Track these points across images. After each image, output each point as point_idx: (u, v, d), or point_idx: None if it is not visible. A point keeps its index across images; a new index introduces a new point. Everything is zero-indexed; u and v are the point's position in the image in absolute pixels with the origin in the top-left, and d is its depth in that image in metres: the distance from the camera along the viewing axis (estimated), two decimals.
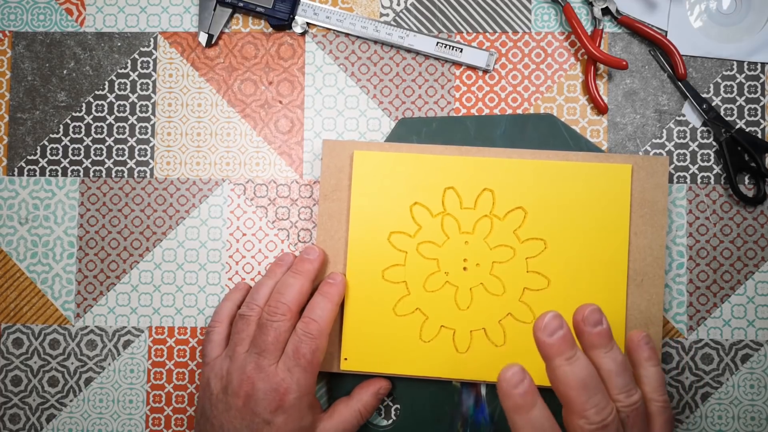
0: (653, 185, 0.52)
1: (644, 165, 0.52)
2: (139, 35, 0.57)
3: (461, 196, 0.53)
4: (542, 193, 0.52)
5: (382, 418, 0.55)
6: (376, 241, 0.53)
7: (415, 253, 0.53)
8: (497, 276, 0.52)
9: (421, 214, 0.53)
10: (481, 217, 0.52)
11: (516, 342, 0.52)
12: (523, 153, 0.53)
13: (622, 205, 0.52)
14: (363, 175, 0.53)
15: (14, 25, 0.58)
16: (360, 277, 0.52)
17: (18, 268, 0.57)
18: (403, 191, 0.53)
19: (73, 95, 0.57)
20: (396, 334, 0.52)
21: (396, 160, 0.53)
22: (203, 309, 0.56)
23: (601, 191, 0.52)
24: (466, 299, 0.52)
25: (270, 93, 0.57)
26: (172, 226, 0.56)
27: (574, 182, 0.52)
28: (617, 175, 0.52)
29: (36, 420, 0.56)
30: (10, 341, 0.56)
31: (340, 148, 0.53)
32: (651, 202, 0.52)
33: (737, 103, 0.55)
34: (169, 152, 0.57)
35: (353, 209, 0.53)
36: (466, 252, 0.52)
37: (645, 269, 0.52)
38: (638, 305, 0.52)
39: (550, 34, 0.56)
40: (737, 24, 0.56)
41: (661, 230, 0.52)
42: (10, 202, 0.57)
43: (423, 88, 0.56)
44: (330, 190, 0.53)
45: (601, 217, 0.52)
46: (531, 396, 0.40)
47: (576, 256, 0.52)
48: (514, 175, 0.52)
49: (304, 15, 0.56)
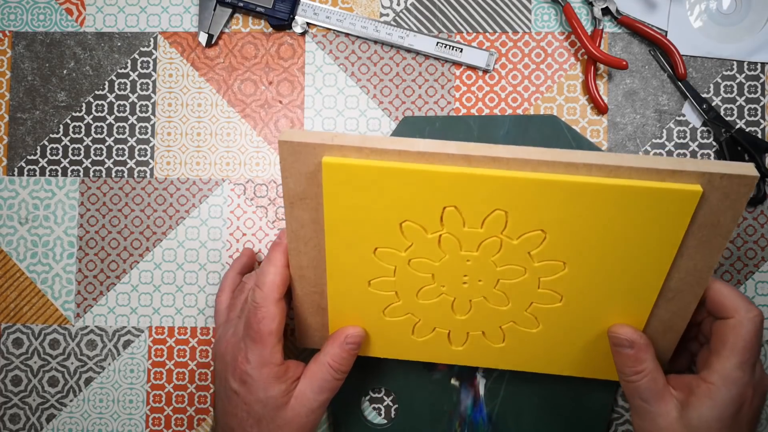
0: (726, 207, 0.39)
1: (722, 186, 0.38)
2: (139, 35, 0.57)
3: (465, 216, 0.41)
4: (571, 216, 0.40)
5: (381, 418, 0.55)
6: (358, 255, 0.44)
7: (405, 266, 0.44)
8: (502, 291, 0.44)
9: (412, 231, 0.42)
10: (489, 237, 0.42)
11: (516, 343, 0.48)
12: (554, 165, 0.38)
13: (675, 233, 0.40)
14: (336, 187, 0.41)
15: (14, 25, 0.58)
16: (343, 287, 0.46)
17: (18, 268, 0.57)
18: (389, 206, 0.41)
19: (73, 95, 0.57)
20: (386, 332, 0.48)
21: (377, 172, 0.40)
22: (203, 309, 0.56)
23: (652, 217, 0.39)
24: (464, 308, 0.46)
25: (270, 93, 0.57)
26: (172, 226, 0.56)
27: (615, 207, 0.39)
28: (679, 200, 0.38)
29: (36, 420, 0.56)
30: (10, 341, 0.56)
31: (305, 152, 0.40)
32: (715, 225, 0.40)
33: (737, 103, 0.55)
34: (169, 152, 0.57)
35: (328, 223, 0.42)
36: (466, 269, 0.44)
37: (682, 288, 0.43)
38: (661, 316, 0.44)
39: (550, 34, 0.56)
40: (737, 24, 0.56)
41: (716, 254, 0.41)
42: (10, 202, 0.57)
43: (423, 88, 0.56)
44: (296, 198, 0.42)
45: (645, 242, 0.40)
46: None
47: (601, 279, 0.43)
48: (535, 196, 0.39)
49: (304, 15, 0.56)
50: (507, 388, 0.53)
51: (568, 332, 0.46)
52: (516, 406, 0.53)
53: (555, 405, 0.53)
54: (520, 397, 0.53)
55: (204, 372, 0.56)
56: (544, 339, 0.47)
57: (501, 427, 0.53)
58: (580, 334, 0.46)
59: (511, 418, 0.53)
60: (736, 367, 0.41)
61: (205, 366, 0.56)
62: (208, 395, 0.56)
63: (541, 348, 0.48)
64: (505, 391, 0.53)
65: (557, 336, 0.46)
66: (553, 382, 0.53)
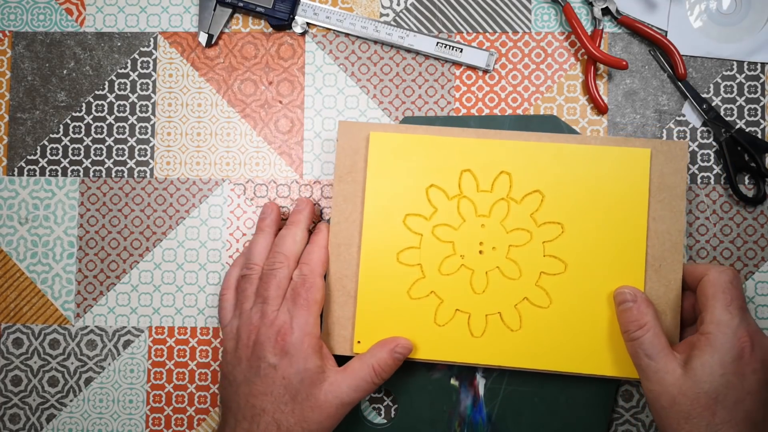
0: (672, 170, 0.51)
1: (663, 149, 0.51)
2: (139, 35, 0.57)
3: (478, 178, 0.52)
4: (560, 176, 0.52)
5: (381, 418, 0.55)
6: (391, 223, 0.52)
7: (430, 235, 0.52)
8: (513, 260, 0.52)
9: (437, 196, 0.52)
10: (498, 200, 0.52)
11: (532, 327, 0.51)
12: (541, 136, 0.52)
13: (640, 190, 0.51)
14: (379, 156, 0.52)
15: (14, 25, 0.58)
16: (374, 260, 0.52)
17: (18, 268, 0.57)
18: (419, 173, 0.52)
19: (73, 95, 0.57)
20: (410, 317, 0.52)
21: (412, 141, 0.52)
22: (203, 309, 0.56)
23: (619, 176, 0.51)
24: (481, 283, 0.52)
25: (270, 93, 0.57)
26: (172, 226, 0.56)
27: (592, 166, 0.51)
28: (636, 159, 0.51)
29: (36, 420, 0.56)
30: (10, 341, 0.56)
31: (356, 130, 0.53)
32: (670, 186, 0.51)
33: (737, 103, 0.55)
34: (169, 152, 0.57)
35: (368, 191, 0.52)
36: (482, 235, 0.52)
37: (663, 254, 0.51)
38: (656, 290, 0.51)
39: (550, 34, 0.56)
40: (737, 24, 0.56)
41: (680, 215, 0.51)
42: (10, 202, 0.57)
43: (423, 88, 0.56)
44: (345, 171, 0.53)
45: (619, 201, 0.51)
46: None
47: (593, 241, 0.51)
48: (531, 158, 0.52)
49: (304, 15, 0.56)
50: (507, 388, 0.53)
51: (575, 309, 0.51)
52: (516, 406, 0.53)
53: (555, 405, 0.53)
54: (519, 397, 0.53)
55: (204, 372, 0.56)
56: (556, 321, 0.51)
57: (501, 427, 0.53)
58: (587, 313, 0.51)
59: (511, 419, 0.53)
60: (723, 312, 0.45)
61: (205, 366, 0.56)
62: (208, 395, 0.56)
63: (554, 336, 0.51)
64: (505, 391, 0.53)
65: (568, 317, 0.51)
66: (552, 382, 0.53)
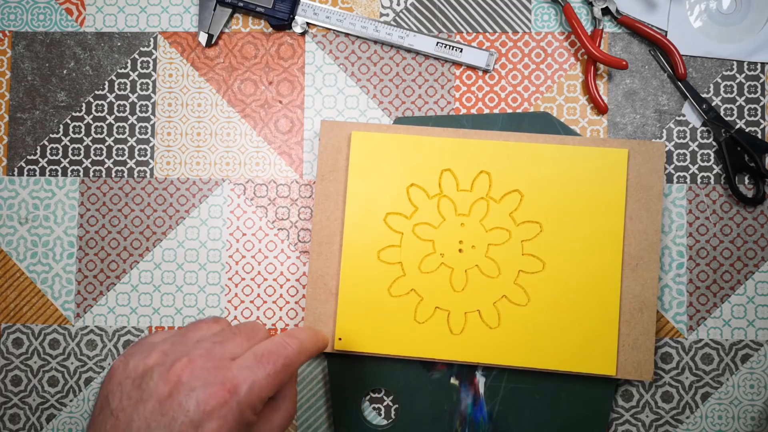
0: (649, 170, 0.52)
1: (641, 150, 0.52)
2: (139, 35, 0.57)
3: (458, 178, 0.53)
4: (539, 176, 0.52)
5: (381, 418, 0.55)
6: (372, 221, 0.53)
7: (410, 234, 0.53)
8: (492, 258, 0.53)
9: (417, 195, 0.53)
10: (478, 199, 0.53)
11: (510, 324, 0.52)
12: (520, 137, 0.53)
13: (618, 190, 0.52)
14: (360, 155, 0.53)
15: (14, 25, 0.58)
16: (355, 258, 0.53)
17: (18, 268, 0.57)
18: (400, 172, 0.53)
19: (73, 95, 0.57)
20: (390, 314, 0.53)
21: (393, 141, 0.53)
22: (203, 309, 0.56)
23: (597, 175, 0.52)
24: (461, 281, 0.53)
25: (270, 93, 0.57)
26: (172, 226, 0.56)
27: (570, 166, 0.52)
28: (614, 159, 0.52)
29: (36, 420, 0.56)
30: (10, 341, 0.56)
31: (338, 129, 0.54)
32: (647, 187, 0.52)
33: (737, 103, 0.55)
34: (169, 152, 0.57)
35: (350, 189, 0.53)
36: (461, 234, 0.53)
37: (640, 254, 0.52)
38: (633, 289, 0.52)
39: (550, 34, 0.56)
40: (737, 24, 0.56)
41: (656, 215, 0.52)
42: (10, 202, 0.57)
43: (423, 88, 0.56)
44: (327, 170, 0.54)
45: (597, 201, 0.52)
46: None
47: (571, 240, 0.52)
48: (510, 158, 0.53)
49: (304, 15, 0.56)
50: (507, 387, 0.53)
51: (553, 307, 0.52)
52: (516, 405, 0.53)
53: (555, 403, 0.53)
54: (520, 396, 0.53)
55: None
56: (534, 319, 0.52)
57: (502, 425, 0.53)
58: (565, 312, 0.52)
59: (512, 417, 0.53)
60: None
61: None
62: None
63: (532, 333, 0.52)
64: (505, 389, 0.53)
65: (545, 315, 0.52)
66: (553, 380, 0.53)
